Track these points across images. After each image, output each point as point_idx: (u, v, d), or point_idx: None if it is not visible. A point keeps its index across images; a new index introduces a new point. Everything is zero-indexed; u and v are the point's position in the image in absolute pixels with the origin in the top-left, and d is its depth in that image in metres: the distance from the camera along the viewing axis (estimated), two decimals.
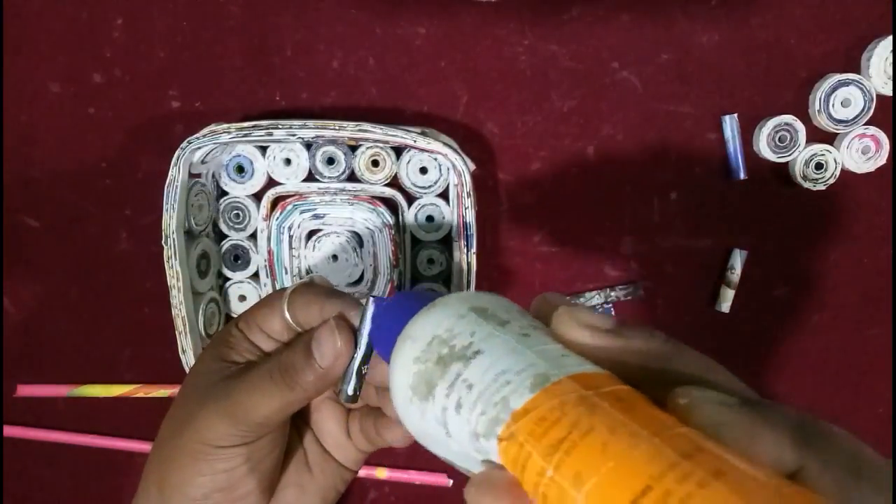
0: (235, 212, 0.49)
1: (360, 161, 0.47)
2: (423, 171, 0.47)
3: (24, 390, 0.53)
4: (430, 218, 0.48)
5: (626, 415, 0.20)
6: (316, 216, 0.48)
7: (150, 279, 0.51)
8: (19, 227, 0.51)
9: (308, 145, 0.47)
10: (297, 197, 0.48)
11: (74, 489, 0.54)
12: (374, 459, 0.52)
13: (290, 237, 0.49)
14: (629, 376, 0.24)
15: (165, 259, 0.44)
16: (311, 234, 0.49)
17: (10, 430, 0.53)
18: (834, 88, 0.45)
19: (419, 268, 0.49)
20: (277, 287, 0.49)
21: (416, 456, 0.53)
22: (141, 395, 0.52)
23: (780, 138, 0.47)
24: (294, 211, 0.48)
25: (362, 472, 0.53)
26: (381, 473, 0.53)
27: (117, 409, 0.53)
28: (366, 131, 0.43)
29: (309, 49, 0.48)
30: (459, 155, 0.44)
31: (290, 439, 0.36)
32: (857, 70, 0.46)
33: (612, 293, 0.50)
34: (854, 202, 0.48)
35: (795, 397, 0.51)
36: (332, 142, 0.46)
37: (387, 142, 0.44)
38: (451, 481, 0.52)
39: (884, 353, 0.50)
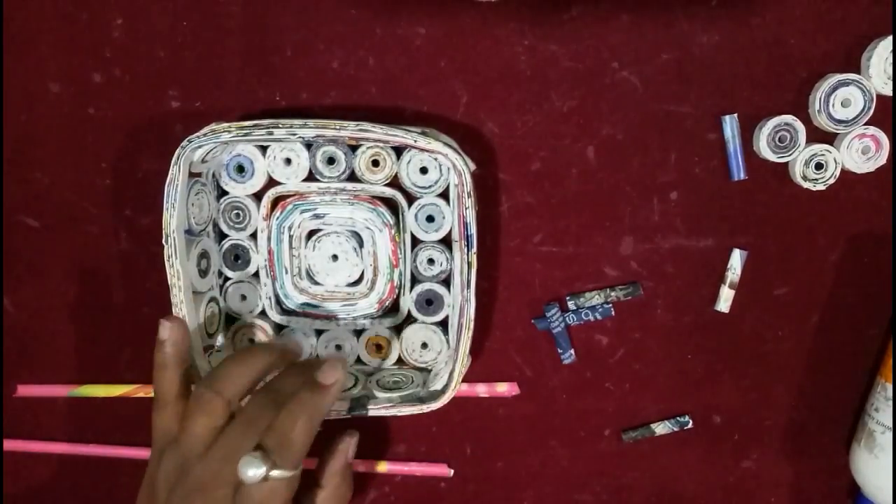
0: (235, 211, 0.49)
1: (361, 161, 0.47)
2: (424, 170, 0.47)
3: (25, 390, 0.53)
4: (430, 218, 0.48)
5: None
6: (316, 216, 0.48)
7: (150, 279, 0.51)
8: (19, 227, 0.51)
9: (308, 145, 0.47)
10: (297, 197, 0.48)
11: (73, 490, 0.54)
12: (373, 454, 0.52)
13: (291, 237, 0.49)
14: None
15: (165, 258, 0.44)
16: (311, 233, 0.49)
17: (10, 444, 0.54)
18: (834, 88, 0.46)
19: (419, 268, 0.49)
20: (277, 287, 0.49)
21: (416, 448, 0.53)
22: (141, 395, 0.52)
23: (780, 138, 0.47)
24: (294, 211, 0.48)
25: (362, 468, 0.52)
26: (382, 467, 0.53)
27: (117, 409, 0.53)
28: (366, 131, 0.43)
29: (309, 49, 0.48)
30: (460, 155, 0.44)
31: None
32: (857, 70, 0.46)
33: (612, 293, 0.50)
34: (854, 202, 0.48)
35: (795, 397, 0.51)
36: (333, 141, 0.46)
37: (387, 141, 0.44)
38: (451, 471, 0.52)
39: (883, 353, 0.50)
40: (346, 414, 0.46)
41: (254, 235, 0.49)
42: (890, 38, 0.45)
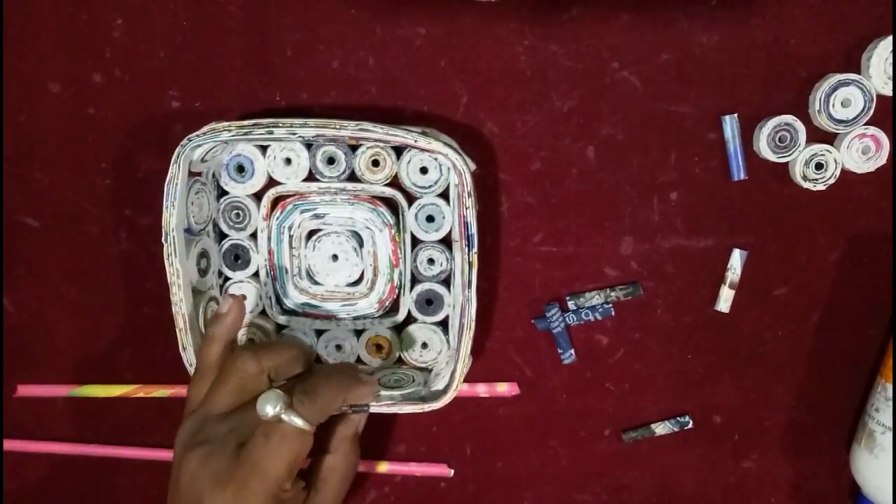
0: (236, 211, 0.49)
1: (361, 161, 0.47)
2: (424, 170, 0.47)
3: (25, 390, 0.53)
4: (430, 218, 0.48)
5: None
6: (316, 216, 0.48)
7: (150, 279, 0.51)
8: (19, 227, 0.51)
9: (308, 145, 0.47)
10: (297, 196, 0.48)
11: (73, 490, 0.54)
12: (373, 453, 0.52)
13: (291, 237, 0.49)
14: None
15: (165, 256, 0.44)
16: (311, 233, 0.49)
17: (10, 444, 0.54)
18: (834, 88, 0.46)
19: (419, 268, 0.49)
20: (277, 287, 0.49)
21: (416, 448, 0.53)
22: (141, 395, 0.52)
23: (780, 138, 0.47)
24: (294, 210, 0.48)
25: (363, 468, 0.52)
26: (382, 467, 0.53)
27: (117, 409, 0.53)
28: (366, 131, 0.43)
29: (309, 49, 0.48)
30: (460, 155, 0.44)
31: None
32: (857, 70, 0.46)
33: (612, 293, 0.50)
34: (854, 202, 0.48)
35: (795, 397, 0.51)
36: (333, 141, 0.46)
37: (387, 141, 0.44)
38: (451, 471, 0.52)
39: (883, 353, 0.50)
40: (347, 410, 0.46)
41: (254, 235, 0.49)
42: (890, 38, 0.45)
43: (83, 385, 0.52)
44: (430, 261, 0.49)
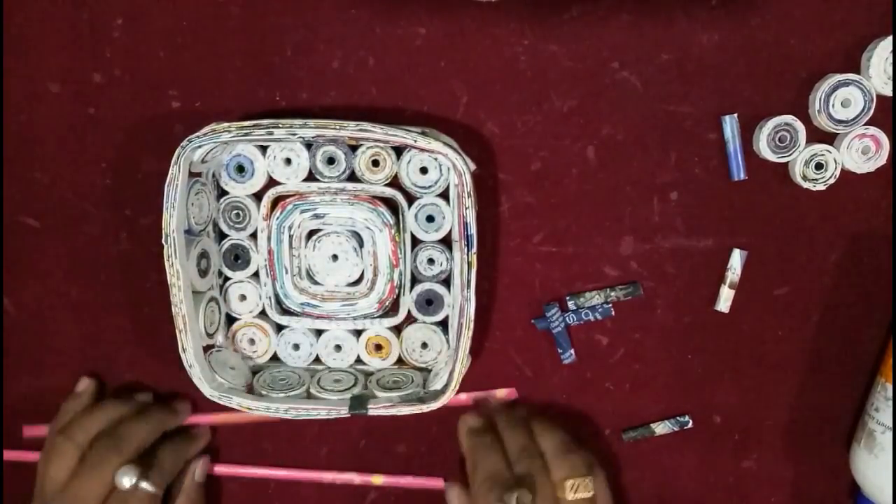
0: (236, 211, 0.49)
1: (361, 161, 0.47)
2: (424, 171, 0.47)
3: (30, 431, 0.53)
4: (430, 218, 0.48)
5: None
6: (316, 216, 0.48)
7: (150, 279, 0.51)
8: (19, 227, 0.51)
9: (308, 145, 0.47)
10: (297, 196, 0.48)
11: None
12: (373, 454, 0.52)
13: (291, 237, 0.49)
14: None
15: (165, 257, 0.44)
16: (311, 233, 0.49)
17: (9, 455, 0.54)
18: (834, 88, 0.46)
19: (419, 268, 0.49)
20: (277, 287, 0.49)
21: (416, 448, 0.53)
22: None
23: (780, 138, 0.47)
24: (294, 210, 0.48)
25: (358, 480, 0.52)
26: (378, 480, 0.53)
27: None
28: (366, 131, 0.43)
29: (309, 49, 0.48)
30: (460, 155, 0.44)
31: None
32: (857, 70, 0.46)
33: (612, 293, 0.50)
34: (854, 202, 0.48)
35: (795, 397, 0.51)
36: (333, 141, 0.46)
37: (387, 141, 0.44)
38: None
39: (884, 353, 0.50)
40: (346, 413, 0.46)
41: (254, 235, 0.49)
42: (890, 38, 0.45)
43: None
44: (430, 261, 0.49)
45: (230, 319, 0.50)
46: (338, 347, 0.50)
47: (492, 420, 0.49)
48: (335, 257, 0.49)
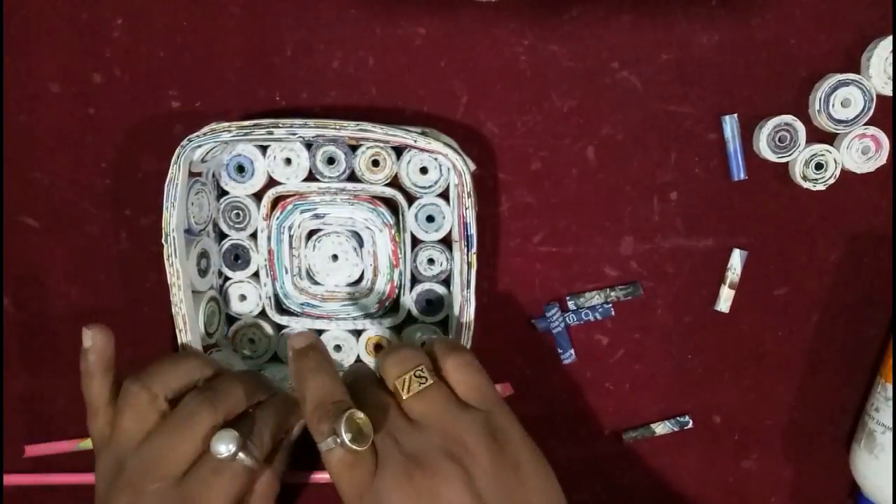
0: (235, 211, 0.49)
1: (361, 161, 0.47)
2: (424, 171, 0.47)
3: (32, 450, 0.52)
4: (430, 218, 0.48)
5: None
6: (316, 216, 0.48)
7: (150, 279, 0.51)
8: (19, 227, 0.51)
9: (308, 145, 0.47)
10: (297, 196, 0.48)
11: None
12: None
13: (291, 237, 0.49)
14: None
15: (165, 257, 0.44)
16: (311, 233, 0.49)
17: (10, 479, 0.53)
18: (834, 88, 0.46)
19: (419, 268, 0.49)
20: (277, 287, 0.49)
21: None
22: None
23: (780, 138, 0.47)
24: (294, 210, 0.48)
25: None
26: None
27: None
28: (366, 131, 0.43)
29: (309, 49, 0.48)
30: (460, 155, 0.44)
31: None
32: (857, 70, 0.46)
33: (612, 293, 0.50)
34: (854, 202, 0.48)
35: (795, 397, 0.51)
36: (333, 141, 0.46)
37: (387, 141, 0.44)
38: None
39: (884, 353, 0.50)
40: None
41: (254, 235, 0.49)
42: (890, 38, 0.45)
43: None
44: (430, 261, 0.49)
45: (230, 319, 0.50)
46: (338, 348, 0.50)
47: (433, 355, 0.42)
48: (335, 257, 0.49)
